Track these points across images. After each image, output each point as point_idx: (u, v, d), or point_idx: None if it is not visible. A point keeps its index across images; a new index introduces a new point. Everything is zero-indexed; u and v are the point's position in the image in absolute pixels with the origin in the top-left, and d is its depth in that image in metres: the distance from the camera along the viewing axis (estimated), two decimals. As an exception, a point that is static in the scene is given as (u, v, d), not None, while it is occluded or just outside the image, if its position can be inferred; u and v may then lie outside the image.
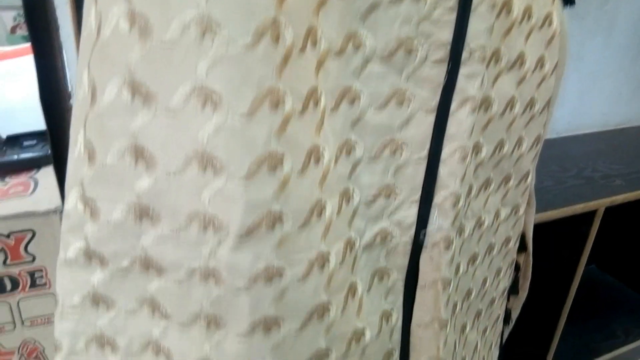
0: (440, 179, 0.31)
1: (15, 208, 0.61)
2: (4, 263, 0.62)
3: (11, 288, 0.64)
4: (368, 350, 0.32)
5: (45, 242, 0.63)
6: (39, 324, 0.68)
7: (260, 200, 0.24)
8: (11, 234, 0.61)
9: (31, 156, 0.72)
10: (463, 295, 0.38)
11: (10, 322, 0.66)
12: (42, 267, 0.65)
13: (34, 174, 0.71)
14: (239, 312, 0.26)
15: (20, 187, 0.67)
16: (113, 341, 0.28)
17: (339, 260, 0.29)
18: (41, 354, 0.70)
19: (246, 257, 0.25)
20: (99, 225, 0.25)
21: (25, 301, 0.65)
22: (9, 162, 0.71)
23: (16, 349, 0.68)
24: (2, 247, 0.61)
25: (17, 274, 0.64)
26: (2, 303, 0.64)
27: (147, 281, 0.26)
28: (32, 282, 0.64)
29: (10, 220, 0.61)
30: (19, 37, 1.00)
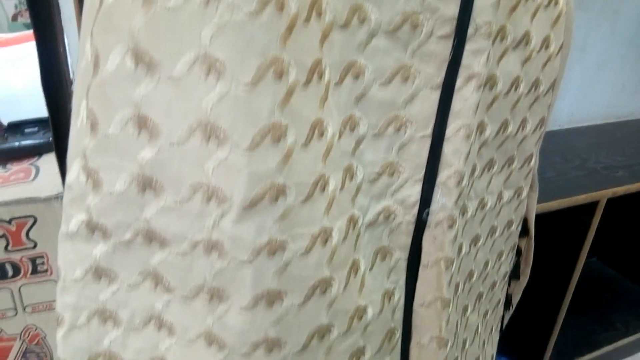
0: (444, 157, 0.31)
1: (17, 194, 0.61)
2: (6, 249, 0.62)
3: (12, 274, 0.64)
4: (370, 328, 0.32)
5: (46, 228, 0.63)
6: (41, 311, 0.68)
7: (264, 172, 0.24)
8: (12, 219, 0.61)
9: (32, 143, 0.72)
10: (465, 276, 0.38)
11: (12, 308, 0.66)
12: (43, 253, 0.65)
13: (35, 161, 0.71)
14: (242, 285, 0.26)
15: (22, 174, 0.67)
16: (115, 315, 0.28)
17: (342, 236, 0.28)
18: (43, 340, 0.70)
19: (249, 230, 0.25)
20: (102, 196, 0.25)
21: (27, 287, 0.65)
22: (10, 148, 0.71)
23: (18, 335, 0.68)
24: (4, 233, 0.61)
25: (18, 260, 0.64)
26: (3, 289, 0.64)
27: (150, 254, 0.26)
28: (33, 269, 0.64)
29: (11, 206, 0.61)
30: (21, 24, 1.00)
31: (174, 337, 0.28)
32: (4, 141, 0.71)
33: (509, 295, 0.50)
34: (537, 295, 1.03)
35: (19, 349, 0.69)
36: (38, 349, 0.70)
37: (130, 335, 0.29)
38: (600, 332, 1.20)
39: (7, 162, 0.70)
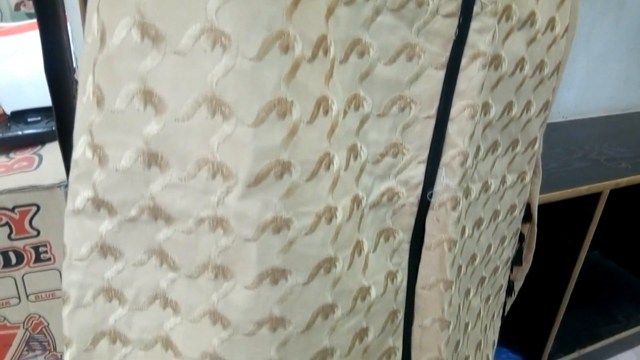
0: (448, 138, 0.31)
1: (20, 182, 0.61)
2: (9, 237, 0.62)
3: (16, 262, 0.64)
4: (373, 309, 0.32)
5: (49, 216, 0.63)
6: (44, 299, 0.68)
7: (269, 148, 0.24)
8: (16, 207, 0.61)
9: (35, 132, 0.72)
10: (467, 259, 0.38)
11: (15, 296, 0.66)
12: (46, 241, 0.65)
13: (39, 149, 0.71)
14: (247, 262, 0.26)
15: (25, 163, 0.67)
16: (120, 294, 0.28)
17: (346, 216, 0.28)
18: (45, 328, 0.70)
19: (254, 206, 0.25)
20: (107, 172, 0.25)
21: (30, 275, 0.65)
22: (14, 137, 0.71)
23: (21, 323, 0.68)
24: (7, 221, 0.61)
25: (21, 248, 0.64)
26: (7, 277, 0.64)
27: (156, 231, 0.26)
28: (36, 257, 0.65)
29: (14, 193, 0.61)
30: (23, 13, 1.00)
31: (178, 316, 0.28)
32: (7, 130, 0.71)
33: (511, 281, 0.50)
34: (539, 286, 1.03)
35: (22, 337, 0.69)
36: (41, 337, 0.71)
37: (135, 314, 0.29)
38: (602, 325, 1.20)
39: (11, 150, 0.70)
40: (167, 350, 0.30)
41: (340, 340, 0.31)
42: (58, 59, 0.52)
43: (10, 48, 0.87)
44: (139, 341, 0.30)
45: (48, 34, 0.49)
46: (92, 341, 0.29)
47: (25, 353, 0.71)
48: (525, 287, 0.86)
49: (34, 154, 0.69)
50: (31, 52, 0.88)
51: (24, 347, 0.70)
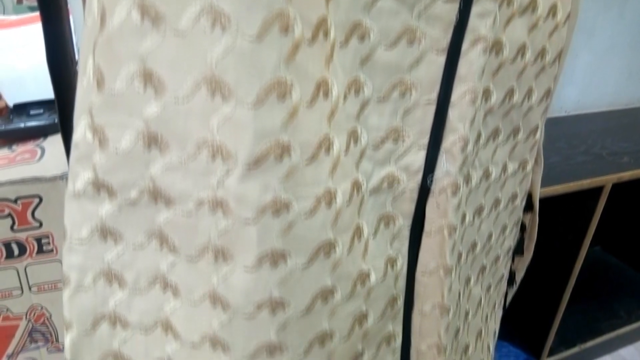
0: (449, 123, 0.31)
1: (22, 173, 0.61)
2: (12, 228, 0.62)
3: (18, 253, 0.64)
4: (373, 294, 0.32)
5: (52, 208, 0.63)
6: (46, 290, 0.68)
7: (269, 129, 0.24)
8: (18, 199, 0.62)
9: (38, 124, 0.72)
10: (468, 247, 0.38)
11: (18, 287, 0.67)
12: (48, 233, 0.65)
13: (41, 142, 0.71)
14: (247, 244, 0.26)
15: (27, 155, 0.67)
16: (120, 276, 0.28)
17: (346, 199, 0.28)
18: (48, 320, 0.71)
19: (254, 188, 0.25)
20: (108, 154, 0.25)
21: (33, 267, 0.66)
22: (16, 129, 0.71)
23: (24, 315, 0.69)
24: (10, 212, 0.62)
25: (24, 239, 0.64)
26: (9, 268, 0.65)
27: (156, 213, 0.26)
28: (39, 248, 0.65)
29: (17, 185, 0.61)
30: (25, 7, 1.00)
31: (178, 298, 0.29)
32: (9, 122, 0.72)
33: (512, 271, 0.50)
34: (540, 280, 1.03)
35: (24, 328, 0.70)
36: (44, 328, 0.71)
37: (135, 297, 0.29)
38: (603, 320, 1.20)
39: (13, 143, 0.70)
40: (167, 333, 0.30)
41: (339, 324, 0.31)
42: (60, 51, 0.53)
43: (13, 41, 0.87)
44: (139, 324, 0.30)
45: (50, 26, 0.49)
46: (92, 324, 0.29)
47: (27, 344, 0.71)
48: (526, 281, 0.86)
49: (37, 146, 0.69)
50: (33, 45, 0.88)
51: (27, 338, 0.70)
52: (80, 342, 0.30)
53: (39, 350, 0.72)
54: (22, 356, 0.72)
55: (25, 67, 0.86)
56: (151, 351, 0.30)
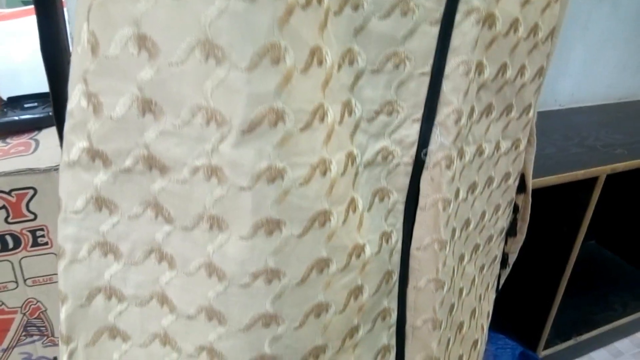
0: (443, 95, 0.31)
1: (17, 165, 0.61)
2: (6, 220, 0.62)
3: (13, 246, 0.64)
4: (368, 267, 0.32)
5: (46, 200, 0.63)
6: (41, 283, 0.68)
7: (263, 94, 0.24)
8: (12, 191, 0.61)
9: (32, 117, 0.72)
10: (462, 223, 0.38)
11: (13, 280, 0.66)
12: (43, 225, 0.65)
13: (35, 135, 0.71)
14: (242, 212, 0.26)
15: (21, 147, 0.67)
16: (116, 248, 0.28)
17: (340, 170, 0.29)
18: (43, 314, 0.70)
19: (248, 154, 0.25)
20: (102, 121, 0.25)
21: (27, 260, 0.65)
22: (10, 122, 0.71)
23: (19, 308, 0.68)
24: (4, 204, 0.61)
25: (18, 231, 0.63)
26: (4, 261, 0.64)
27: (150, 182, 0.26)
28: (33, 241, 0.64)
29: (11, 176, 0.61)
30: (19, 1, 1.00)
31: (174, 269, 0.29)
32: (3, 115, 0.71)
33: (505, 253, 0.50)
34: (535, 272, 1.03)
35: (20, 322, 0.69)
36: (39, 322, 0.70)
37: (131, 269, 0.29)
38: (599, 312, 1.21)
39: (7, 136, 0.70)
40: (162, 306, 0.30)
41: (335, 296, 0.31)
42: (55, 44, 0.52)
43: (6, 34, 0.87)
44: (135, 297, 0.30)
45: (45, 19, 0.49)
46: (87, 297, 0.29)
47: (23, 338, 0.71)
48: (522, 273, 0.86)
49: (31, 138, 0.69)
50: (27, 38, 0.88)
51: (22, 332, 0.70)
52: (75, 315, 0.30)
53: (35, 344, 0.72)
54: (17, 350, 0.71)
55: (19, 60, 0.85)
56: (147, 324, 0.30)
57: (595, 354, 1.21)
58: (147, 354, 0.31)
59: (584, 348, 1.18)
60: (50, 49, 0.50)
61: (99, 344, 0.31)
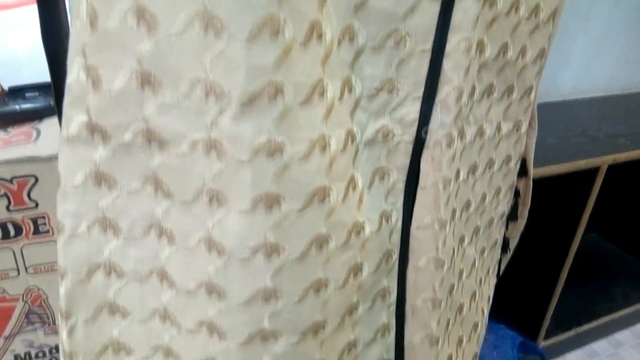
0: (444, 73, 0.31)
1: (18, 153, 0.61)
2: (7, 208, 0.62)
3: (15, 234, 0.64)
4: (368, 245, 0.32)
5: (48, 188, 0.63)
6: (43, 272, 0.68)
7: (262, 67, 0.24)
8: (14, 178, 0.61)
9: (34, 107, 0.72)
10: (462, 204, 0.38)
11: (14, 268, 0.66)
12: (44, 214, 0.65)
13: (36, 124, 0.71)
14: (241, 187, 0.26)
15: (23, 136, 0.67)
16: (115, 224, 0.28)
17: (340, 147, 0.29)
18: (44, 302, 0.70)
19: (248, 128, 0.25)
20: (101, 95, 0.25)
21: (29, 248, 0.65)
22: (11, 112, 0.71)
23: (20, 296, 0.69)
24: (5, 192, 0.61)
25: (20, 220, 0.64)
26: (5, 249, 0.65)
27: (150, 156, 0.26)
28: (35, 229, 0.65)
29: (12, 164, 0.61)
30: (20, -10, 0.99)
31: (173, 245, 0.29)
32: (4, 105, 0.71)
33: (506, 238, 0.50)
34: (536, 263, 1.03)
35: (21, 309, 0.70)
36: (40, 310, 0.71)
37: (130, 245, 0.29)
38: (599, 303, 1.21)
39: (8, 125, 0.70)
40: (162, 282, 0.30)
41: (334, 273, 0.31)
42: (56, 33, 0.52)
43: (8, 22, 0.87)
44: (134, 273, 0.30)
45: (45, 8, 0.49)
46: (86, 273, 0.29)
47: (24, 326, 0.71)
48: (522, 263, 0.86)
49: (32, 128, 0.69)
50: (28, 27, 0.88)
51: (24, 319, 0.70)
52: (75, 291, 0.30)
53: (36, 332, 0.72)
54: (19, 338, 0.71)
55: (20, 50, 0.85)
56: (146, 301, 0.30)
57: (595, 344, 1.21)
58: (147, 330, 0.31)
59: (584, 339, 1.18)
60: (51, 38, 0.50)
61: (99, 320, 0.31)
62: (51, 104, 0.72)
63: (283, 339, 0.30)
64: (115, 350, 0.32)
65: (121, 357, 0.32)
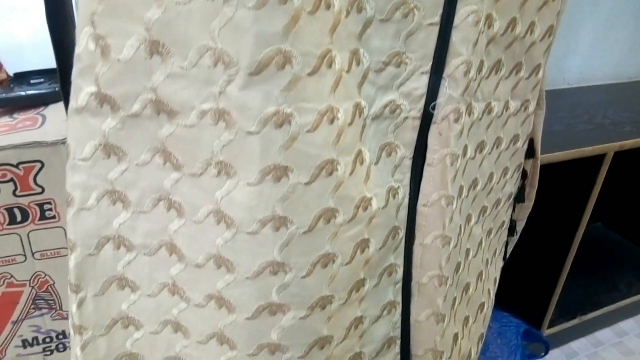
0: (452, 46, 0.30)
1: (24, 138, 0.61)
2: (14, 193, 0.62)
3: (21, 219, 0.64)
4: (374, 221, 0.32)
5: (54, 173, 0.63)
6: (49, 257, 0.68)
7: (270, 34, 0.24)
8: (20, 163, 0.61)
9: (39, 92, 0.72)
10: (469, 182, 0.38)
11: (21, 253, 0.67)
12: (51, 199, 0.65)
13: (42, 110, 0.71)
14: (249, 157, 0.26)
15: (28, 122, 0.67)
16: (124, 196, 0.29)
17: (348, 120, 0.28)
18: (51, 287, 0.71)
19: (256, 97, 0.25)
20: (110, 64, 0.25)
21: (35, 233, 0.66)
22: (17, 97, 0.71)
23: (27, 281, 0.69)
24: (12, 177, 0.61)
25: (26, 205, 0.64)
26: (12, 234, 0.65)
27: (158, 127, 0.26)
28: (41, 214, 0.65)
29: (18, 149, 0.61)
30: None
31: (182, 217, 0.29)
32: (10, 90, 0.71)
33: (513, 220, 0.50)
34: (541, 250, 1.03)
35: (28, 295, 0.70)
36: (47, 295, 0.71)
37: (139, 217, 0.29)
38: (604, 292, 1.21)
39: (14, 111, 0.70)
40: (171, 255, 0.30)
41: (341, 247, 0.31)
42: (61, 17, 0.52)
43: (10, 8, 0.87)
44: (143, 246, 0.30)
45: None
46: (96, 246, 0.30)
47: (32, 311, 0.72)
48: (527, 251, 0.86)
49: (38, 114, 0.69)
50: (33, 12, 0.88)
51: (31, 305, 0.71)
52: (84, 264, 0.30)
53: (43, 317, 0.72)
54: (26, 323, 0.72)
55: (25, 36, 0.85)
56: (155, 274, 0.30)
57: (599, 333, 1.21)
58: (156, 304, 0.31)
59: (588, 327, 1.18)
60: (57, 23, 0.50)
61: (108, 293, 0.31)
62: (56, 90, 0.72)
63: (291, 312, 0.30)
64: (124, 325, 0.32)
65: (130, 332, 0.32)
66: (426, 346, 0.38)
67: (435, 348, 0.38)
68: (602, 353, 1.16)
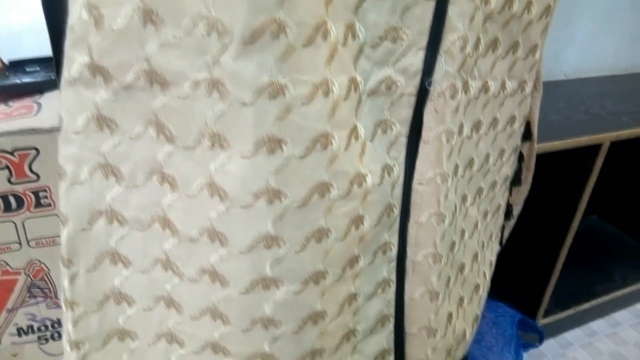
0: (449, 21, 0.30)
1: (19, 125, 0.61)
2: (9, 181, 0.62)
3: (16, 207, 0.64)
4: (369, 198, 0.32)
5: (49, 160, 0.63)
6: (45, 245, 0.68)
7: (265, 2, 0.23)
8: (15, 150, 0.61)
9: (35, 80, 0.71)
10: (465, 162, 0.38)
11: (16, 241, 0.66)
12: (46, 186, 0.65)
13: (38, 98, 0.71)
14: (243, 129, 0.26)
15: (24, 110, 0.67)
16: (117, 169, 0.28)
17: (343, 94, 0.28)
18: (47, 275, 0.70)
19: (250, 67, 0.25)
20: (103, 34, 0.25)
21: (31, 221, 0.65)
22: (12, 85, 0.70)
23: (22, 270, 0.69)
24: (7, 164, 0.61)
25: (21, 192, 0.63)
26: (7, 222, 0.65)
27: (151, 98, 0.26)
28: (36, 202, 0.64)
29: (13, 136, 0.60)
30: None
31: (176, 191, 0.29)
32: (5, 78, 0.71)
33: (509, 204, 0.50)
34: (537, 240, 1.04)
35: (24, 283, 0.70)
36: (42, 284, 0.71)
37: (132, 191, 0.29)
38: (598, 283, 1.22)
39: (9, 99, 0.70)
40: (164, 229, 0.30)
41: (336, 222, 0.31)
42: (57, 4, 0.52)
43: (7, -5, 0.86)
44: (136, 220, 0.30)
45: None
46: (88, 220, 0.29)
47: (27, 299, 0.71)
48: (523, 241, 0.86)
49: (33, 102, 0.69)
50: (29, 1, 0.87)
51: (26, 293, 0.70)
52: (77, 238, 0.30)
53: (39, 305, 0.72)
54: (21, 311, 0.72)
55: (21, 23, 0.85)
56: (149, 248, 0.30)
57: (594, 324, 1.22)
58: (149, 280, 0.31)
59: (583, 318, 1.19)
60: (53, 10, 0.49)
61: (100, 269, 0.31)
62: (52, 78, 0.72)
63: (284, 287, 0.30)
64: (117, 301, 0.32)
65: (123, 308, 0.32)
66: (420, 324, 0.38)
67: (429, 326, 0.38)
68: (596, 343, 1.17)
